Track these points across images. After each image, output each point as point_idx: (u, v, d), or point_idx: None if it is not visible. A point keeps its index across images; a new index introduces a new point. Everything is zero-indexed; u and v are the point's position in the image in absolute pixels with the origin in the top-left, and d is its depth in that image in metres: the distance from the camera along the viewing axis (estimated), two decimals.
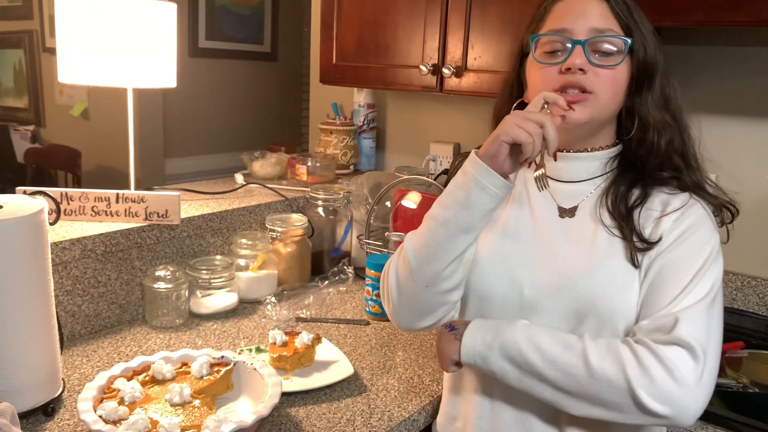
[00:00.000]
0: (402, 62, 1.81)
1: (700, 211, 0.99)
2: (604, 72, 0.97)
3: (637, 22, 0.99)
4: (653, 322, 0.91)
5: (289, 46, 4.26)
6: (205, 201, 1.75)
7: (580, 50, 0.97)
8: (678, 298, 0.91)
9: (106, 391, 1.09)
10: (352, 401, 1.21)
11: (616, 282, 0.96)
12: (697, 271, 0.92)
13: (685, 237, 0.96)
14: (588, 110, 0.98)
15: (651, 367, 0.86)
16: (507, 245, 1.05)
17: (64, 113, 3.76)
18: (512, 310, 1.02)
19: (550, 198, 1.07)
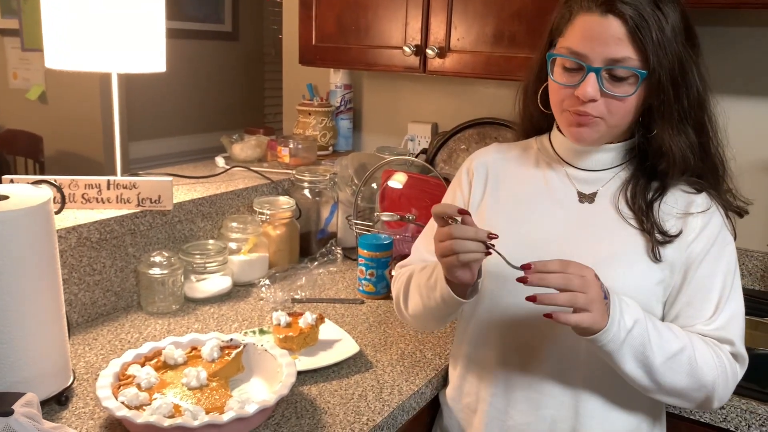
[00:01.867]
0: (384, 43, 1.83)
1: (719, 215, 1.04)
2: (615, 101, 0.98)
3: (656, 41, 0.94)
4: (710, 329, 1.00)
5: (251, 25, 4.21)
6: (192, 185, 1.74)
7: (594, 79, 0.96)
8: (718, 308, 1.01)
9: (121, 378, 1.10)
10: (361, 377, 1.24)
11: (633, 272, 1.00)
12: (732, 281, 1.02)
13: (715, 246, 1.01)
14: (594, 133, 1.02)
15: (727, 376, 0.99)
16: (526, 229, 1.08)
17: (20, 97, 3.63)
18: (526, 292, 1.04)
19: (569, 182, 1.09)
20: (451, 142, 2.00)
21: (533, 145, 1.18)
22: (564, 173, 1.11)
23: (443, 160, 2.00)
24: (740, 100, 1.67)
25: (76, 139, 3.45)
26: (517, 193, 1.12)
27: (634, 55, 0.95)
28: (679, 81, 0.98)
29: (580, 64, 0.98)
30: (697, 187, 1.05)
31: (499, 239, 1.04)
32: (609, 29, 0.95)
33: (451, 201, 1.21)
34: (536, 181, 1.12)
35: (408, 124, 2.20)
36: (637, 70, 0.96)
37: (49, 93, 3.58)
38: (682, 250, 1.02)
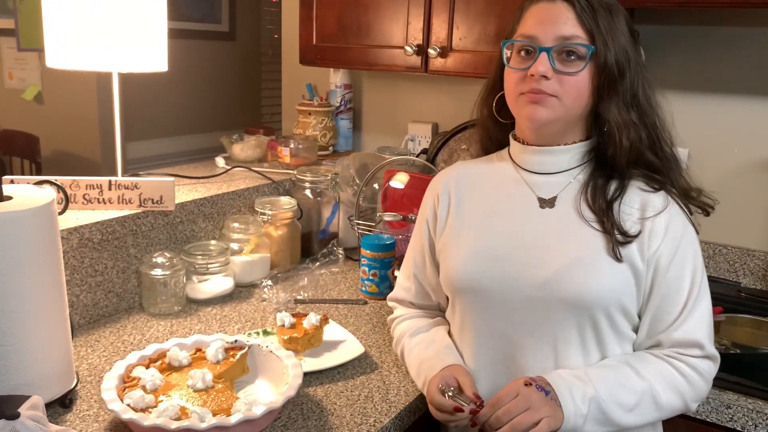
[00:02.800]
0: (385, 43, 1.82)
1: (681, 213, 1.05)
2: (566, 78, 1.01)
3: (603, 27, 1.01)
4: (679, 334, 1.02)
5: (248, 25, 4.19)
6: (193, 186, 1.73)
7: (545, 57, 1.01)
8: (686, 309, 1.02)
9: (126, 381, 1.09)
10: (367, 378, 1.24)
11: (601, 274, 1.01)
12: (700, 279, 1.04)
13: (681, 248, 1.03)
14: (550, 111, 1.03)
15: (697, 384, 1.03)
16: (491, 241, 1.09)
17: (16, 97, 3.61)
18: (500, 304, 1.06)
19: (528, 190, 1.10)
20: (452, 142, 2.00)
21: (494, 158, 1.20)
22: (523, 181, 1.12)
23: (444, 160, 2.00)
24: (739, 100, 1.67)
25: (72, 140, 3.43)
26: (480, 207, 1.14)
27: (582, 34, 1.01)
28: (625, 68, 1.02)
29: (532, 45, 1.02)
30: (655, 185, 1.06)
31: (467, 253, 1.10)
32: (558, 12, 1.02)
33: (419, 228, 1.24)
34: (498, 193, 1.13)
35: (408, 124, 2.20)
36: (585, 44, 1.00)
37: (45, 93, 3.56)
38: (644, 252, 1.02)
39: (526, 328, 1.05)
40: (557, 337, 1.03)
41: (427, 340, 1.18)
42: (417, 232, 1.26)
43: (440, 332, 1.19)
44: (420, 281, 1.25)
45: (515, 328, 1.06)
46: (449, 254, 1.14)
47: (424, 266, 1.24)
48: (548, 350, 1.04)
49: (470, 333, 1.12)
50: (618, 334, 1.05)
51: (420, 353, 1.16)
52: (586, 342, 1.04)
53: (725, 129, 1.70)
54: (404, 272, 1.29)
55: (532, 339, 1.05)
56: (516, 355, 1.07)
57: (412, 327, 1.23)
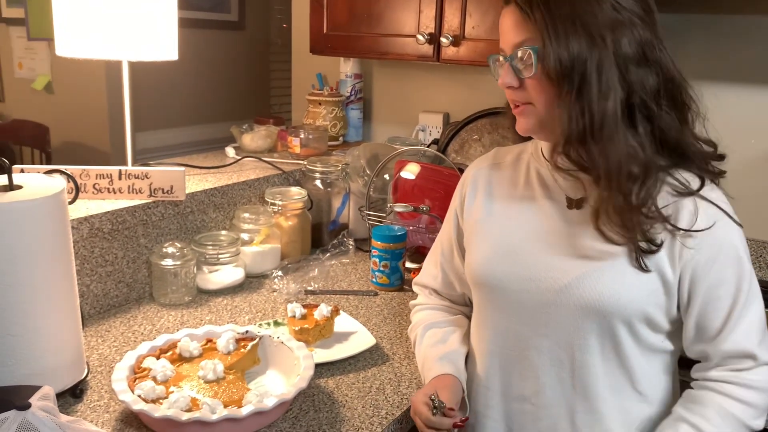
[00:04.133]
0: (397, 31, 1.80)
1: (717, 214, 0.96)
2: (529, 82, 0.98)
3: (540, 21, 0.93)
4: (728, 346, 0.97)
5: (257, 14, 4.17)
6: (204, 176, 1.73)
7: (508, 68, 0.99)
8: (732, 317, 0.97)
9: (137, 371, 1.09)
10: (378, 370, 1.23)
11: (624, 282, 0.96)
12: (748, 285, 0.97)
13: (718, 254, 0.96)
14: (528, 119, 1.01)
15: (753, 401, 0.97)
16: (515, 238, 1.06)
17: (26, 87, 3.61)
18: (518, 304, 1.04)
19: (558, 187, 1.06)
20: (463, 132, 1.98)
21: (528, 148, 1.15)
22: (552, 178, 1.08)
23: (455, 150, 1.98)
24: (759, 89, 1.64)
25: (82, 129, 3.42)
26: (508, 201, 1.11)
27: (529, 35, 0.95)
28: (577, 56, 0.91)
29: (501, 58, 1.01)
30: (682, 189, 0.97)
31: (490, 248, 1.08)
32: (509, 19, 0.99)
33: (449, 216, 1.22)
34: (527, 188, 1.10)
35: (419, 114, 2.18)
36: (528, 47, 0.95)
37: (55, 83, 3.55)
38: (675, 260, 0.96)
39: (542, 332, 1.02)
40: (574, 344, 1.00)
41: (437, 338, 1.16)
42: (447, 220, 1.24)
43: (453, 333, 1.17)
44: (446, 270, 1.23)
45: (531, 330, 1.03)
46: (472, 246, 1.12)
47: (451, 255, 1.22)
48: (564, 356, 1.01)
49: (486, 329, 1.10)
50: (641, 344, 1.00)
51: (426, 351, 1.15)
52: (606, 351, 1.00)
53: (742, 119, 1.67)
54: (432, 259, 1.27)
55: (547, 343, 1.02)
56: (531, 357, 1.04)
57: (429, 319, 1.22)
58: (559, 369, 1.02)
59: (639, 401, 1.02)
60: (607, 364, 1.00)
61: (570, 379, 1.02)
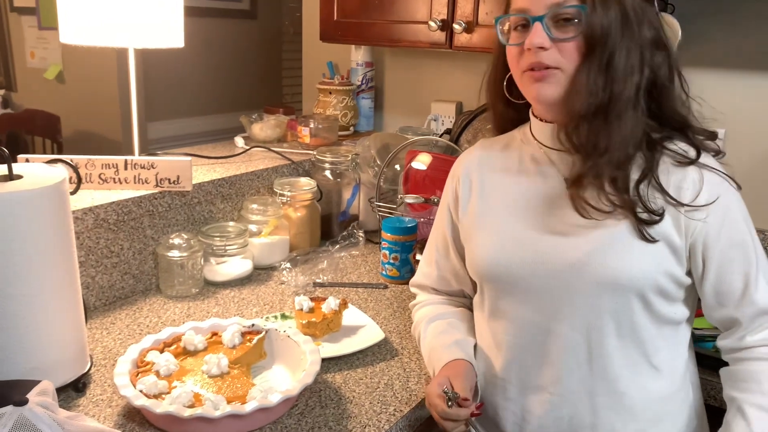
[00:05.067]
0: (409, 18, 1.76)
1: (720, 181, 0.97)
2: (565, 45, 0.94)
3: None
4: (757, 306, 0.96)
5: (269, 3, 4.13)
6: (211, 166, 1.70)
7: (539, 27, 0.94)
8: (752, 275, 0.95)
9: (140, 365, 1.06)
10: (386, 365, 1.20)
11: (633, 253, 0.95)
12: (755, 242, 0.97)
13: (726, 215, 0.96)
14: (554, 87, 0.96)
15: None
16: (517, 225, 1.04)
17: (38, 76, 3.60)
18: (529, 291, 1.01)
19: (554, 170, 1.04)
20: (477, 122, 1.93)
21: (516, 136, 1.13)
22: (548, 161, 1.05)
23: (468, 140, 1.93)
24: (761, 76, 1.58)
25: (94, 119, 3.41)
26: (504, 190, 1.08)
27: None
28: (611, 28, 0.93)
29: (525, 17, 0.96)
30: (682, 158, 0.97)
31: (492, 238, 1.05)
32: None
33: (441, 212, 1.20)
34: (522, 174, 1.07)
35: (431, 104, 2.14)
36: (577, 6, 0.93)
37: (67, 72, 3.54)
38: (680, 227, 0.95)
39: (556, 315, 1.00)
40: (590, 325, 0.98)
41: (440, 328, 1.14)
42: (439, 216, 1.22)
43: (459, 323, 1.15)
44: (442, 267, 1.21)
45: (545, 314, 1.01)
46: (474, 240, 1.09)
47: (446, 252, 1.20)
48: (581, 339, 0.99)
49: (500, 320, 1.07)
50: (654, 317, 0.98)
51: (432, 341, 1.13)
52: (621, 329, 0.97)
53: (742, 106, 1.61)
54: (426, 257, 1.25)
55: (562, 326, 1.00)
56: (548, 342, 1.01)
57: (430, 313, 1.19)
58: (576, 353, 1.00)
59: (656, 376, 1.01)
60: (623, 341, 0.98)
61: (587, 362, 1.00)
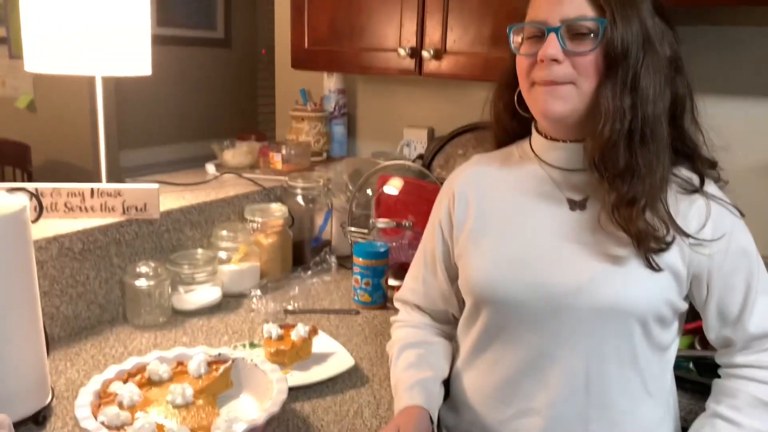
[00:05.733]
0: (378, 46, 1.78)
1: (725, 211, 0.98)
2: (579, 59, 0.93)
3: (613, 2, 0.91)
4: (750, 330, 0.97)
5: (243, 32, 4.16)
6: (181, 193, 1.69)
7: (554, 38, 0.93)
8: (749, 300, 0.97)
9: (102, 396, 1.04)
10: (357, 393, 1.18)
11: (639, 280, 0.94)
12: (758, 268, 0.98)
13: (730, 243, 0.96)
14: (564, 103, 0.95)
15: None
16: (517, 246, 1.02)
17: (8, 105, 3.57)
18: (529, 314, 0.99)
19: (556, 189, 1.02)
20: (448, 147, 1.95)
21: (514, 152, 1.11)
22: (549, 180, 1.03)
23: (440, 165, 1.95)
24: (749, 101, 1.62)
25: (65, 148, 3.38)
26: (503, 209, 1.06)
27: (591, 12, 0.92)
28: (631, 45, 0.91)
29: (540, 28, 0.95)
30: (690, 186, 0.98)
31: (491, 259, 1.02)
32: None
33: (431, 229, 1.17)
34: (522, 192, 1.05)
35: (404, 129, 2.15)
36: (595, 18, 0.92)
37: (38, 101, 3.51)
38: (685, 256, 0.96)
39: (556, 340, 0.97)
40: (590, 350, 0.96)
41: (410, 359, 1.11)
42: (429, 233, 1.18)
43: (427, 356, 1.12)
44: (429, 284, 1.18)
45: (545, 339, 0.98)
46: (470, 261, 1.06)
47: (434, 270, 1.16)
48: (579, 364, 0.97)
49: (495, 344, 1.04)
50: (651, 344, 0.98)
51: (399, 374, 1.10)
52: (621, 356, 0.96)
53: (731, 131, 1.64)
54: (413, 273, 1.22)
55: (562, 351, 0.97)
56: (545, 367, 0.99)
57: (406, 338, 1.17)
58: (574, 379, 0.97)
59: (649, 403, 1.00)
60: (623, 369, 0.97)
61: (585, 388, 0.97)
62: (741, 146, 1.64)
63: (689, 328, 1.28)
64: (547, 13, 0.95)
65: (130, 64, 1.42)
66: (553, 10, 0.94)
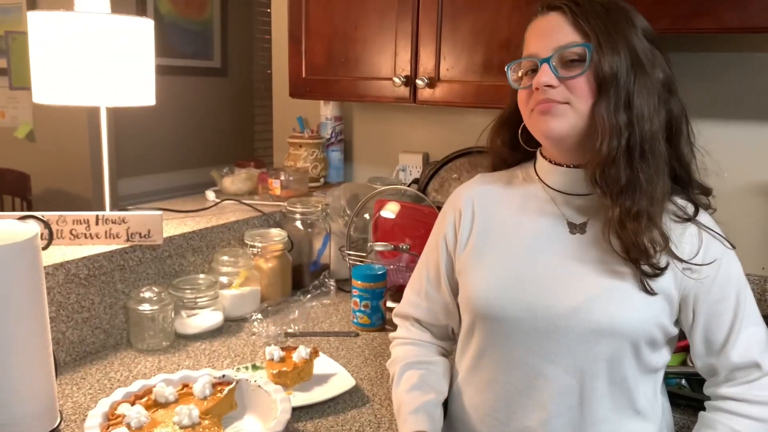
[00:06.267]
0: (374, 74, 1.83)
1: (715, 240, 1.01)
2: (572, 83, 0.97)
3: (596, 26, 0.97)
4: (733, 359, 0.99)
5: (239, 61, 4.23)
6: (182, 219, 1.72)
7: (546, 67, 0.98)
8: (734, 330, 0.99)
9: (111, 418, 1.06)
10: (358, 413, 1.21)
11: (633, 303, 0.97)
12: (745, 298, 1.01)
13: (718, 271, 0.99)
14: (562, 121, 0.98)
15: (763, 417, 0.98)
16: (517, 265, 1.05)
17: (8, 136, 3.61)
18: (525, 333, 1.01)
19: (558, 212, 1.06)
20: (443, 172, 2.00)
21: (518, 174, 1.15)
22: (552, 203, 1.07)
23: (435, 189, 2.00)
24: (731, 124, 1.68)
25: (64, 177, 3.42)
26: (506, 228, 1.09)
27: (579, 39, 0.98)
28: (620, 67, 0.96)
29: (534, 61, 1.01)
30: (684, 215, 1.01)
31: (490, 276, 1.05)
32: (551, 22, 1.01)
33: (435, 243, 1.19)
34: (525, 213, 1.09)
35: (399, 155, 2.20)
36: (581, 44, 0.97)
37: (37, 131, 3.56)
38: (678, 281, 0.99)
39: (551, 359, 1.00)
40: (584, 370, 0.99)
41: (413, 380, 1.13)
42: (432, 247, 1.20)
43: (428, 377, 1.14)
44: (432, 298, 1.19)
45: (540, 357, 1.01)
46: (471, 277, 1.09)
47: (438, 284, 1.18)
48: (573, 383, 1.00)
49: (490, 361, 1.07)
50: (641, 365, 1.00)
51: (402, 396, 1.11)
52: (613, 375, 0.99)
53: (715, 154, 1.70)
54: (414, 287, 1.23)
55: (556, 370, 1.00)
56: (539, 386, 1.02)
57: (407, 357, 1.18)
58: (567, 397, 1.00)
59: (639, 420, 1.02)
60: (613, 388, 1.00)
61: (578, 406, 1.00)
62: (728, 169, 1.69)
63: (681, 345, 1.32)
64: (538, 46, 1.01)
65: (135, 94, 1.47)
66: (543, 43, 1.00)
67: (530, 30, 1.05)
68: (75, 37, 1.36)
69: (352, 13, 1.83)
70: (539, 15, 1.03)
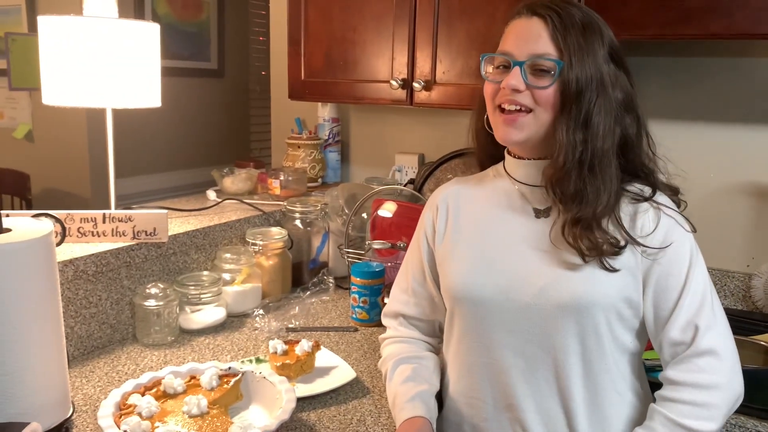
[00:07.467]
0: (371, 77, 1.88)
1: (672, 219, 1.07)
2: (538, 92, 1.05)
3: (572, 45, 1.03)
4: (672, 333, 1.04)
5: (236, 62, 4.27)
6: (186, 218, 1.77)
7: (518, 71, 1.05)
8: (680, 302, 1.04)
9: (122, 408, 1.11)
10: (359, 403, 1.26)
11: (596, 279, 1.04)
12: (696, 274, 1.05)
13: (666, 252, 1.05)
14: (521, 132, 1.07)
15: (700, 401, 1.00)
16: (489, 251, 1.13)
17: (6, 136, 3.64)
18: (500, 313, 1.09)
19: (525, 201, 1.14)
20: (438, 172, 2.05)
21: (489, 173, 1.24)
22: (518, 193, 1.15)
23: (430, 189, 2.04)
24: (716, 127, 1.74)
25: (63, 177, 3.45)
26: (478, 219, 1.18)
27: (554, 51, 1.04)
28: (585, 87, 1.03)
29: (508, 60, 1.07)
30: (640, 196, 1.08)
31: (465, 263, 1.12)
32: (533, 28, 1.06)
33: (417, 241, 1.27)
34: (494, 205, 1.17)
35: (395, 155, 2.25)
36: (554, 59, 1.04)
37: (36, 131, 3.59)
38: (637, 258, 1.05)
39: (526, 338, 1.07)
40: (557, 347, 1.05)
41: (406, 373, 1.18)
42: (414, 246, 1.28)
43: (423, 369, 1.19)
44: (418, 293, 1.26)
45: (515, 337, 1.08)
46: (448, 266, 1.17)
47: (423, 279, 1.25)
48: (548, 360, 1.06)
49: (470, 344, 1.14)
50: (616, 344, 1.06)
51: (397, 388, 1.16)
52: (586, 352, 1.05)
53: (701, 155, 1.76)
54: (400, 285, 1.30)
55: (532, 347, 1.07)
56: (518, 364, 1.08)
57: (398, 353, 1.23)
58: (545, 373, 1.07)
59: (618, 403, 1.08)
60: (588, 365, 1.06)
61: (555, 381, 1.07)
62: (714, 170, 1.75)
63: None
64: (516, 47, 1.07)
65: (141, 96, 1.51)
66: (521, 46, 1.07)
67: (510, 27, 1.10)
68: (84, 40, 1.41)
69: (350, 18, 1.88)
70: (523, 16, 1.08)
